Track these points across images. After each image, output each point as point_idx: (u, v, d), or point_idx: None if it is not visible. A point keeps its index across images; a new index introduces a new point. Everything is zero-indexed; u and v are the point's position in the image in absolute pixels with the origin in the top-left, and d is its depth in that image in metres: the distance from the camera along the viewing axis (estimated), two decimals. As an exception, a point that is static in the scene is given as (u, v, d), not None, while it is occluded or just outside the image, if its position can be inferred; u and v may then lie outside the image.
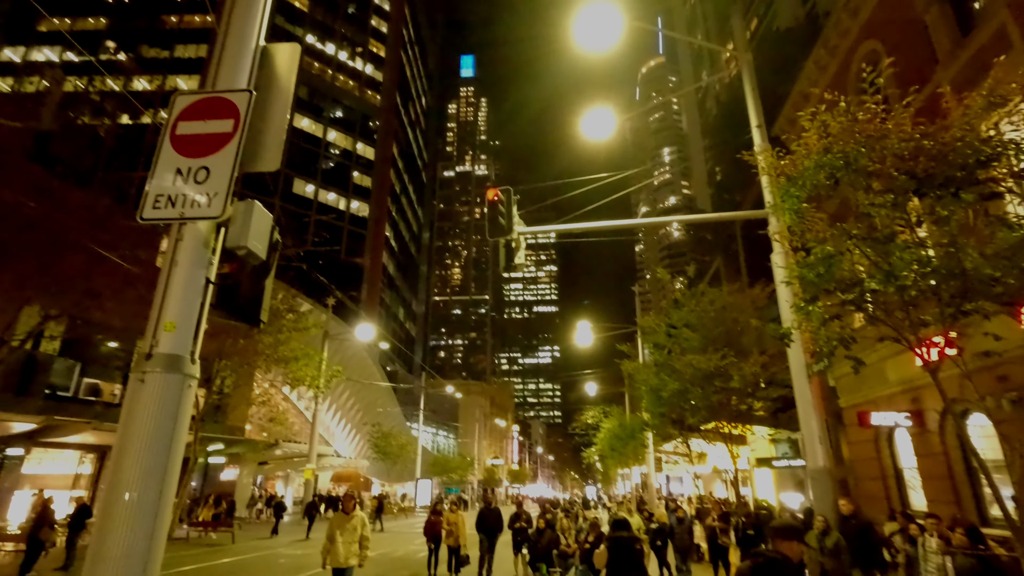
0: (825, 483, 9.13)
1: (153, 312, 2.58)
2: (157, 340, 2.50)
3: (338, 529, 7.62)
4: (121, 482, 2.29)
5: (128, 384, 2.46)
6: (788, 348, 10.02)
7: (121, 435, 2.39)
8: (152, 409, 2.39)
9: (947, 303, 4.44)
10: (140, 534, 2.24)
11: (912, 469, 14.75)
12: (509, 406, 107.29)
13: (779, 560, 3.65)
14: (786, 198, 5.00)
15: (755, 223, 25.04)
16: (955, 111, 4.08)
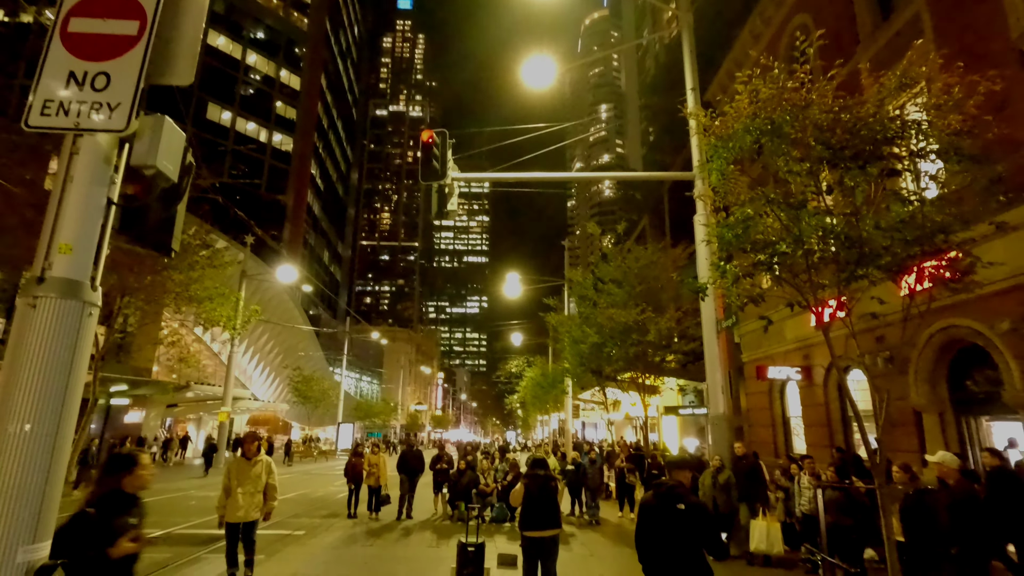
0: (723, 428, 10.02)
1: (45, 232, 2.32)
2: (50, 263, 2.26)
3: (236, 478, 6.40)
4: (9, 415, 2.11)
5: (16, 311, 2.23)
6: (702, 303, 10.69)
7: (9, 365, 2.18)
8: (46, 337, 2.19)
9: (843, 268, 4.87)
10: (33, 470, 2.10)
11: (797, 418, 16.47)
12: (435, 354, 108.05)
13: (675, 486, 4.29)
14: (714, 158, 5.21)
15: (683, 186, 25.94)
16: (870, 88, 4.36)
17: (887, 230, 4.34)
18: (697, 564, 4.01)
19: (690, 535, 4.10)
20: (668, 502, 4.24)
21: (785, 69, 4.88)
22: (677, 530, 4.11)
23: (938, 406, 10.94)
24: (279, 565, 7.86)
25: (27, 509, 2.06)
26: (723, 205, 5.50)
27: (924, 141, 3.99)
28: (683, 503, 4.20)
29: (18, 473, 2.07)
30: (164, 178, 2.55)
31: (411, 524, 11.79)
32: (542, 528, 6.44)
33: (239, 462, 6.60)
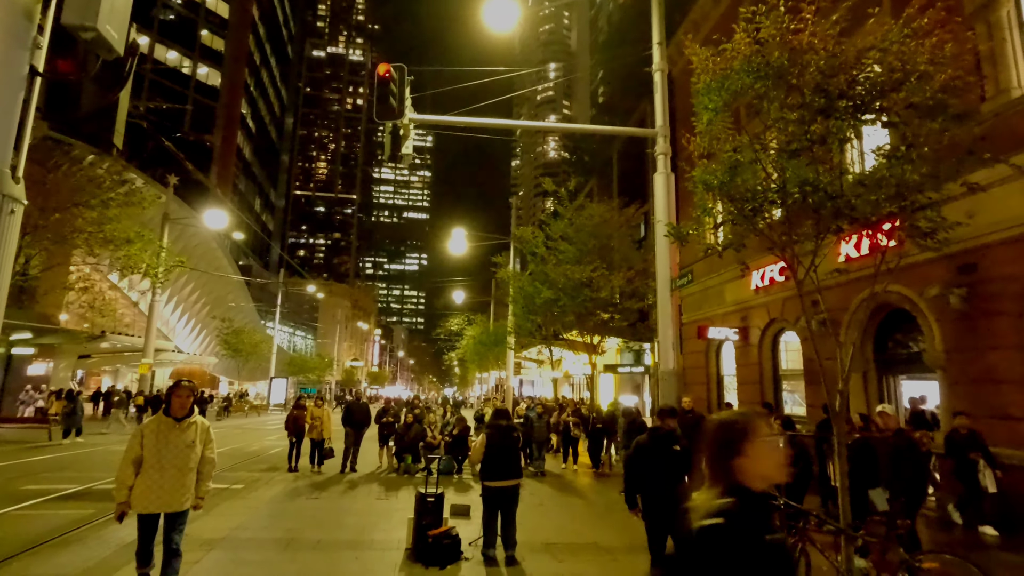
0: (673, 383, 10.29)
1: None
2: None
3: (156, 448, 4.35)
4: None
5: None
6: (657, 263, 10.78)
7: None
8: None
9: (820, 221, 4.89)
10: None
11: (731, 376, 17.36)
12: (372, 310, 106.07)
13: (671, 431, 5.17)
14: (712, 98, 5.02)
15: (635, 148, 25.95)
16: (877, 31, 4.28)
17: (869, 186, 4.36)
18: (680, 495, 4.61)
19: (680, 472, 4.92)
20: (664, 444, 5.04)
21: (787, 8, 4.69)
22: (670, 467, 4.91)
23: (863, 365, 11.69)
24: (220, 519, 7.43)
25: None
26: (707, 152, 5.39)
27: (919, 95, 3.98)
28: (678, 445, 5.09)
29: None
30: (106, 47, 2.03)
31: (356, 477, 11.54)
32: (504, 478, 6.37)
33: (162, 424, 4.42)
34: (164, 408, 4.50)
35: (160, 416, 4.49)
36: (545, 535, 7.17)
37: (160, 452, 4.35)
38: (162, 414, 4.49)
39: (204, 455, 4.64)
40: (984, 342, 8.89)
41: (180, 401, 4.49)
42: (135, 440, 4.38)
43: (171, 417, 4.48)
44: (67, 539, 6.35)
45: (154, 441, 4.36)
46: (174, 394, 4.51)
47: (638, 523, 8.30)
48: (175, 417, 4.49)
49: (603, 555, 6.57)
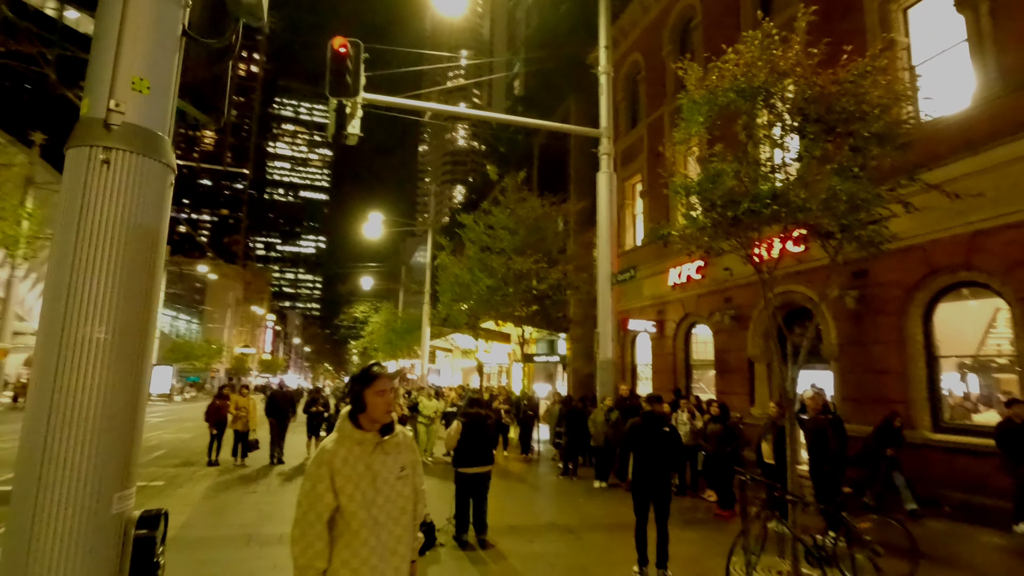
0: (611, 371, 10.93)
1: (103, 52, 1.60)
2: (119, 103, 1.58)
3: (365, 487, 2.28)
4: (71, 315, 1.48)
5: (71, 165, 1.53)
6: (598, 257, 11.35)
7: (68, 241, 1.51)
8: (127, 208, 1.55)
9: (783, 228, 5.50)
10: (121, 394, 1.52)
11: (644, 365, 18.62)
12: (266, 294, 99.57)
13: (662, 414, 5.76)
14: (698, 114, 5.46)
15: (555, 144, 26.54)
16: (851, 66, 4.92)
17: (825, 199, 5.01)
18: (668, 470, 5.63)
19: (668, 450, 5.50)
20: (656, 425, 5.61)
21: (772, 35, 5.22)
22: (660, 446, 5.46)
23: (768, 357, 13.10)
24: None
25: (120, 447, 1.49)
26: (681, 160, 5.83)
27: (879, 125, 4.67)
28: (668, 427, 5.65)
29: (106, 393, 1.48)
30: (256, 14, 1.91)
31: (286, 469, 11.02)
32: (478, 465, 6.51)
33: (358, 446, 2.33)
34: (351, 414, 2.35)
35: (347, 430, 2.32)
36: (507, 519, 7.39)
37: (370, 497, 2.26)
38: (350, 425, 2.32)
39: (417, 487, 2.53)
40: (870, 337, 10.38)
41: (385, 402, 2.32)
42: (319, 481, 2.20)
43: (368, 431, 2.33)
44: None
45: (354, 478, 2.24)
46: (374, 389, 2.30)
47: (584, 503, 8.83)
48: (378, 431, 2.35)
49: (566, 534, 6.92)
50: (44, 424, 1.41)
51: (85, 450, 1.43)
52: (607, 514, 8.08)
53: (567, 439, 11.12)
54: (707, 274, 14.64)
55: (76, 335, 1.44)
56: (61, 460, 1.40)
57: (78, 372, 1.43)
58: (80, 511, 1.41)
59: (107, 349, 1.46)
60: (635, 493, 5.50)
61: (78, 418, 1.42)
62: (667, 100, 17.08)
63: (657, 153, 17.70)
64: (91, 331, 1.45)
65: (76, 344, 1.43)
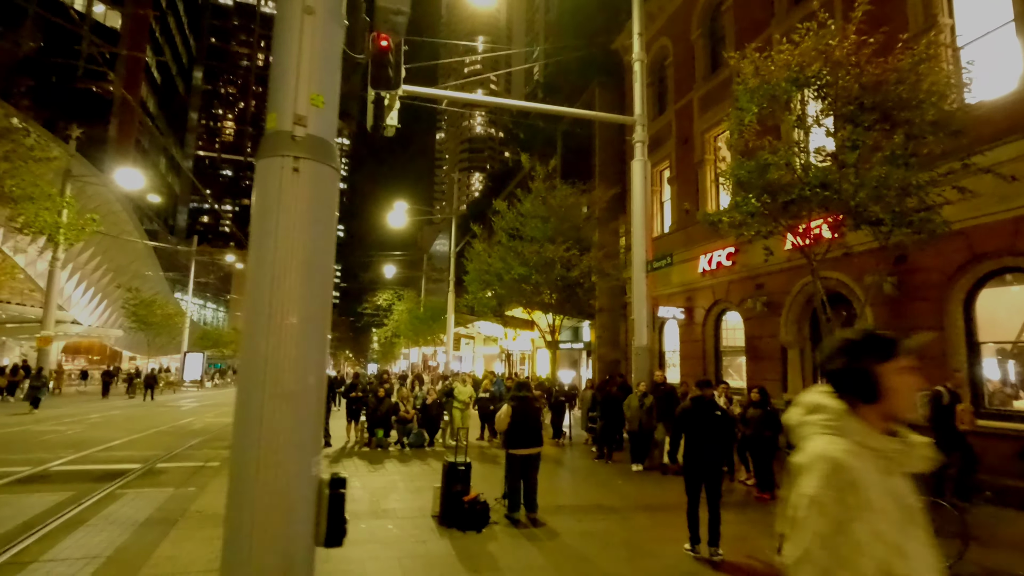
0: (646, 357, 11.08)
1: (285, 74, 1.81)
2: (303, 117, 1.79)
3: (904, 521, 1.33)
4: (276, 304, 1.70)
5: (264, 173, 1.75)
6: (633, 245, 11.44)
7: (265, 241, 1.73)
8: (311, 211, 1.76)
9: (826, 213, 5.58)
10: (310, 369, 1.75)
11: (672, 352, 18.71)
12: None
13: (711, 398, 5.91)
14: (750, 103, 5.54)
15: (579, 131, 26.48)
16: (907, 53, 4.96)
17: (880, 187, 5.08)
18: (719, 454, 5.71)
19: (720, 434, 5.65)
20: (707, 410, 5.75)
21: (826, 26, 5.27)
22: (712, 430, 5.60)
23: (801, 343, 13.12)
24: (222, 495, 7.17)
25: (312, 417, 1.73)
26: (739, 150, 5.93)
27: (934, 111, 4.71)
28: (719, 411, 5.80)
29: (298, 372, 1.71)
30: (399, 30, 2.10)
31: (332, 452, 11.42)
32: (528, 446, 6.74)
33: (881, 457, 1.39)
34: (853, 405, 1.46)
35: (861, 431, 1.41)
36: (552, 499, 7.64)
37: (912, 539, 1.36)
38: (864, 426, 1.42)
39: None
40: (909, 323, 10.35)
41: (911, 386, 1.47)
42: (856, 520, 1.31)
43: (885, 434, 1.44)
44: (69, 522, 5.93)
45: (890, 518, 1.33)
46: (897, 366, 1.46)
47: (623, 485, 9.06)
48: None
49: (611, 514, 7.15)
50: (259, 397, 1.64)
51: (288, 419, 1.66)
52: (648, 496, 8.30)
53: (602, 424, 11.33)
54: (738, 261, 14.65)
55: (277, 322, 1.66)
56: (273, 427, 1.63)
57: (280, 353, 1.65)
58: (289, 471, 1.65)
59: (299, 333, 1.69)
60: (687, 475, 5.69)
61: (282, 392, 1.65)
62: (697, 86, 16.98)
63: (686, 139, 17.65)
64: (287, 318, 1.67)
65: (277, 329, 1.66)
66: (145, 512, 6.38)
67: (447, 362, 27.56)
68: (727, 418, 5.80)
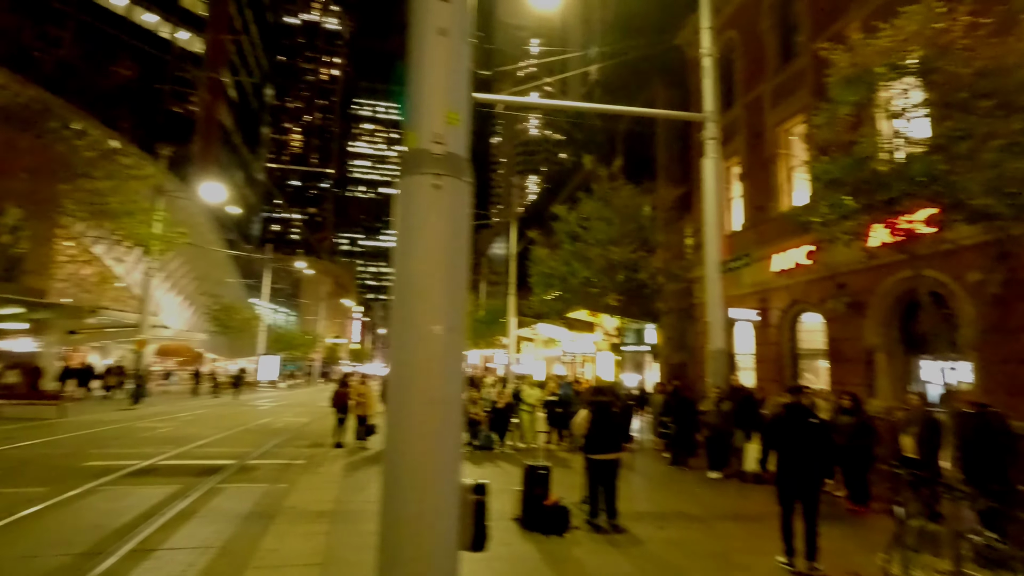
0: (722, 361, 10.73)
1: (422, 93, 1.89)
2: (440, 135, 1.87)
3: None
4: (422, 314, 1.78)
5: (405, 189, 1.83)
6: (706, 245, 11.12)
7: (411, 254, 1.81)
8: (450, 224, 1.84)
9: (941, 210, 5.20)
10: (454, 375, 1.81)
11: (743, 355, 18.00)
12: (352, 286, 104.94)
13: (807, 406, 5.64)
14: (845, 94, 5.27)
15: (641, 130, 26.04)
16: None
17: (995, 179, 4.68)
18: (816, 464, 5.34)
19: (816, 442, 5.31)
20: (801, 417, 5.43)
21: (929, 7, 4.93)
22: (808, 439, 5.30)
23: (889, 346, 12.31)
24: (311, 493, 7.56)
25: (456, 423, 1.79)
26: (828, 144, 5.65)
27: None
28: (815, 418, 5.48)
29: (443, 380, 1.78)
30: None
31: (404, 452, 11.72)
32: (607, 452, 6.67)
33: None
34: None
35: None
36: (631, 506, 7.52)
37: None
38: None
39: None
40: (1018, 324, 9.50)
41: None
42: None
43: None
44: (181, 513, 6.40)
45: None
46: None
47: (702, 493, 8.80)
48: None
49: (694, 522, 6.97)
50: (408, 404, 1.73)
51: (435, 426, 1.73)
52: (730, 505, 8.03)
53: (675, 429, 11.07)
54: (818, 259, 13.93)
55: (424, 332, 1.74)
56: (422, 433, 1.71)
57: (427, 362, 1.73)
58: (436, 475, 1.72)
59: (444, 342, 1.76)
60: (780, 486, 5.45)
61: (430, 399, 1.73)
62: (767, 77, 16.31)
63: (756, 134, 16.97)
64: (432, 328, 1.75)
65: (424, 339, 1.74)
66: (245, 506, 6.79)
67: (508, 365, 27.71)
68: (824, 426, 5.50)
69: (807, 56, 14.62)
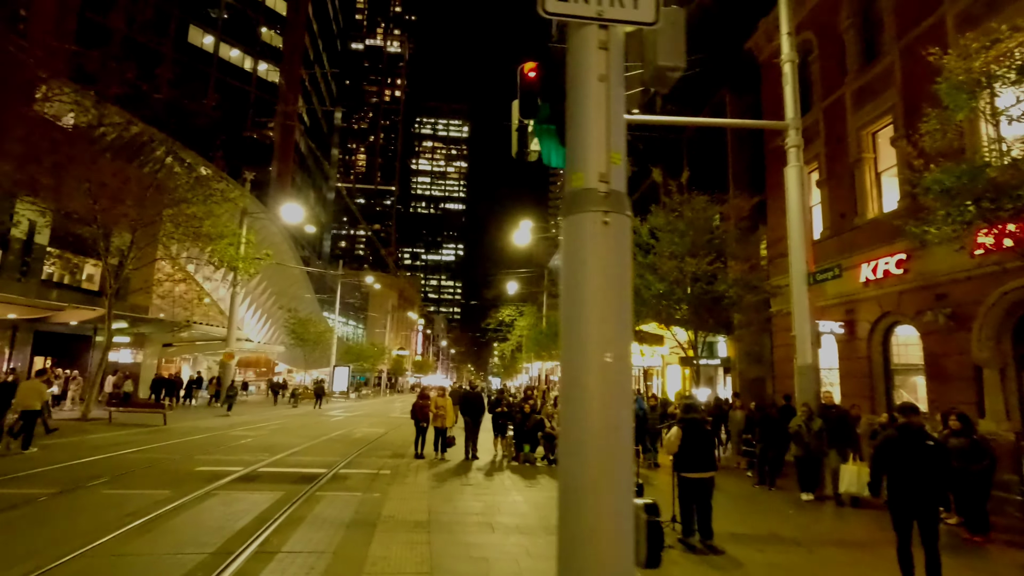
0: (811, 377, 10.28)
1: (586, 135, 2.03)
2: (606, 174, 2.00)
3: None
4: (591, 343, 1.90)
5: (573, 227, 1.97)
6: (791, 256, 10.73)
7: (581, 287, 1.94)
8: (617, 259, 1.96)
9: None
10: (622, 402, 1.91)
11: (826, 370, 17.08)
12: (416, 300, 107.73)
13: (920, 426, 5.25)
14: (961, 101, 5.04)
15: (708, 138, 25.52)
16: None
17: None
18: (937, 488, 5.03)
19: (934, 465, 5.03)
20: (917, 439, 5.15)
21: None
22: (924, 462, 5.02)
23: (1001, 361, 11.38)
24: (402, 503, 7.84)
25: (627, 447, 1.89)
26: (940, 151, 5.39)
27: None
28: (931, 440, 5.20)
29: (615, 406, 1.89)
30: (667, 83, 2.25)
31: (482, 464, 11.93)
32: (701, 470, 6.56)
33: None
34: None
35: None
36: (723, 526, 7.31)
37: None
38: None
39: None
40: None
41: None
42: None
43: None
44: (290, 519, 6.81)
45: None
46: None
47: (795, 515, 8.44)
48: None
49: (793, 546, 6.71)
50: (583, 429, 1.85)
51: (609, 449, 1.84)
52: (831, 529, 7.67)
53: (761, 447, 10.68)
54: (912, 268, 13.13)
55: (596, 361, 1.86)
56: (596, 456, 1.83)
57: (601, 389, 1.85)
58: (611, 496, 1.83)
59: (615, 371, 1.87)
60: (894, 512, 5.18)
61: (603, 425, 1.84)
62: (849, 80, 15.62)
63: (838, 138, 16.25)
64: (604, 357, 1.86)
65: (597, 368, 1.86)
66: (346, 514, 7.15)
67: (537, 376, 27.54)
68: (942, 449, 5.17)
69: (893, 55, 13.94)
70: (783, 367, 18.95)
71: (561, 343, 1.94)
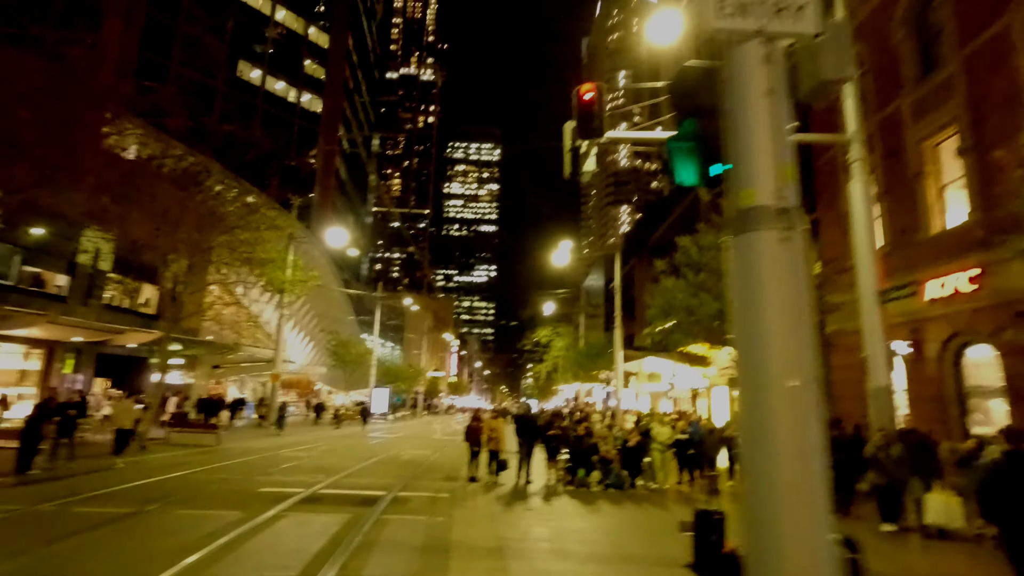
0: (886, 400, 9.80)
1: (755, 151, 1.97)
2: (782, 190, 1.92)
3: None
4: (773, 367, 1.80)
5: (746, 245, 1.90)
6: (860, 273, 10.36)
7: (759, 308, 1.86)
8: (797, 276, 1.87)
9: None
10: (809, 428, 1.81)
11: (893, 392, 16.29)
12: (449, 321, 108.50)
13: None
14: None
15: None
16: None
17: None
18: None
19: None
20: None
21: None
22: None
23: (1094, 383, 10.65)
24: (469, 529, 7.72)
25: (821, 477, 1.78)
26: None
27: None
28: None
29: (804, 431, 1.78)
30: (826, 95, 2.18)
31: (537, 489, 11.73)
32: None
33: None
34: None
35: None
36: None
37: None
38: None
39: None
40: None
41: None
42: None
43: None
44: (364, 543, 6.75)
45: None
46: None
47: (879, 546, 7.95)
48: None
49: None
50: (771, 458, 1.75)
51: (800, 478, 1.74)
52: (923, 563, 7.22)
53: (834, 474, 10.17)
54: (985, 284, 12.48)
55: (779, 385, 1.77)
56: (787, 485, 1.73)
57: (786, 415, 1.75)
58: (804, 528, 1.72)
59: (801, 395, 1.78)
60: (1011, 548, 4.78)
61: (793, 453, 1.74)
62: (906, 91, 15.18)
63: (895, 151, 15.75)
64: (788, 381, 1.77)
65: (779, 393, 1.77)
66: (417, 539, 7.08)
67: (617, 401, 27.01)
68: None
69: (954, 65, 13.51)
70: (843, 388, 18.14)
71: (738, 367, 1.86)
